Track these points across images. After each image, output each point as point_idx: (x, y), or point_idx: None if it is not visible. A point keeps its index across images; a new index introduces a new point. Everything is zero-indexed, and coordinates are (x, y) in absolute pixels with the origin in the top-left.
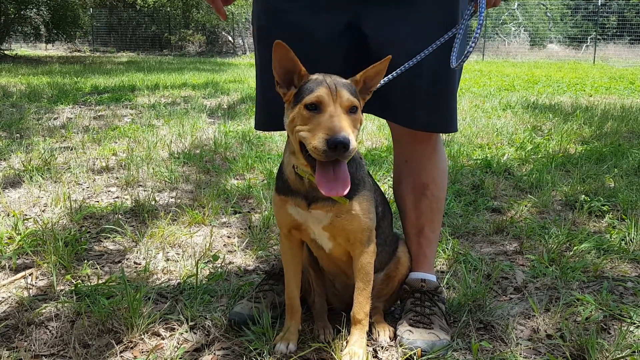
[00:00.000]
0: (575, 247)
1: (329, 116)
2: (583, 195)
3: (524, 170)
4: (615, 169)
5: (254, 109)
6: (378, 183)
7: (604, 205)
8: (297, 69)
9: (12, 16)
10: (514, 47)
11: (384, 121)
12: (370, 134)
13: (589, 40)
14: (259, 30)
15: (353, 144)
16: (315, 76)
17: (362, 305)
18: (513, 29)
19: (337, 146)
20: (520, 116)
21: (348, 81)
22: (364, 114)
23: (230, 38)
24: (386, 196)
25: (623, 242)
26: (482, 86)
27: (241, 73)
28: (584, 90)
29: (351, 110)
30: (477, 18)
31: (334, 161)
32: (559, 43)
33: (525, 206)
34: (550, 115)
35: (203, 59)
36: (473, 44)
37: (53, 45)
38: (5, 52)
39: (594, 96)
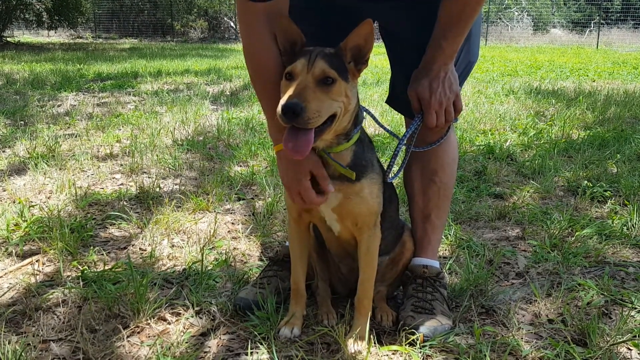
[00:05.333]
0: (577, 233)
1: (295, 85)
2: (585, 181)
3: (526, 156)
4: (618, 155)
5: None
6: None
7: (606, 191)
8: (299, 41)
9: (14, 3)
10: (517, 32)
11: (386, 107)
12: (374, 121)
13: (592, 24)
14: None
15: (309, 112)
16: (308, 48)
17: (366, 291)
18: (516, 13)
19: (286, 111)
20: (523, 102)
21: (333, 51)
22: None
23: (232, 24)
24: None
25: (625, 228)
26: (485, 71)
27: (243, 59)
28: (587, 76)
29: (324, 81)
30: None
31: (300, 128)
32: (562, 28)
33: (528, 192)
34: (553, 100)
35: (205, 45)
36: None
37: (55, 32)
38: (8, 39)
39: (597, 81)
